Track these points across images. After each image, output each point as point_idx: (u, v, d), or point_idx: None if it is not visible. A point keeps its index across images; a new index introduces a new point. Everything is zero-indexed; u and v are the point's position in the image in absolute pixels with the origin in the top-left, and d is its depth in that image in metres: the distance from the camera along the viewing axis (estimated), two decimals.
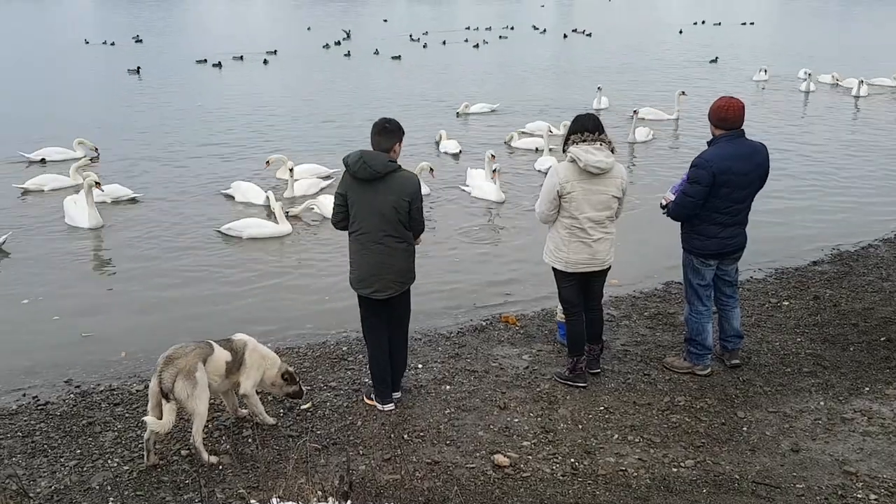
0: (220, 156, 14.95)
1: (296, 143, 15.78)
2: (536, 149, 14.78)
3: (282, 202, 10.98)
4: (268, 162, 12.83)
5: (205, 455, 4.99)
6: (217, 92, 23.44)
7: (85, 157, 14.05)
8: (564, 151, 5.68)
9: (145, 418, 4.89)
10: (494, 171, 11.77)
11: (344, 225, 5.46)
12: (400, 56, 31.63)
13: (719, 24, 48.96)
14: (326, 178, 13.02)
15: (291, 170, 12.17)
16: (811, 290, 8.16)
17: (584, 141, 5.50)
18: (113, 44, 37.10)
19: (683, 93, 18.01)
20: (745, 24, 49.28)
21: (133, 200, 11.94)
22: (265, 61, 30.16)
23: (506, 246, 10.20)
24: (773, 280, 8.59)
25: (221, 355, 5.14)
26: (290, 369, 5.61)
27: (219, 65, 28.83)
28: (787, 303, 7.80)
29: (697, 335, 6.09)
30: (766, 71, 24.13)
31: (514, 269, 9.24)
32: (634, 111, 15.86)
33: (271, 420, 5.55)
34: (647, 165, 14.12)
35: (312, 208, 11.15)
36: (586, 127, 5.57)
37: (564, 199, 5.53)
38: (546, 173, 13.19)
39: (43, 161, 14.11)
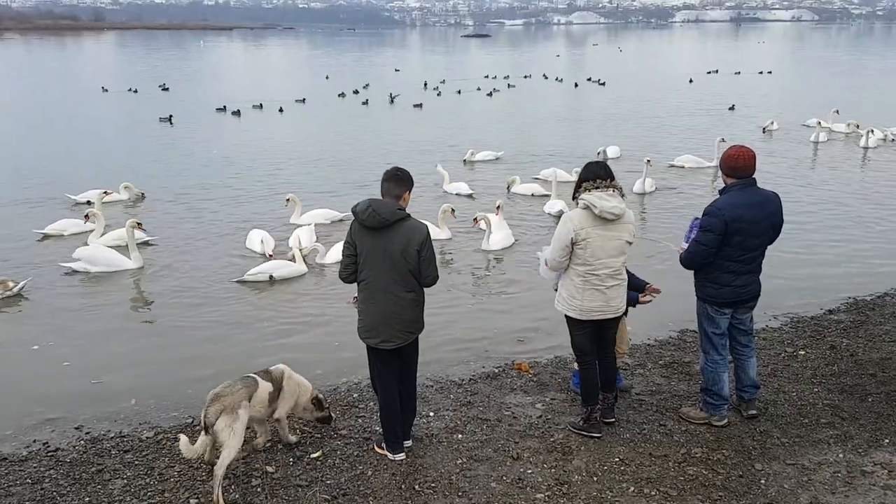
0: (234, 199, 15.28)
1: (313, 186, 16.35)
2: (532, 194, 15.33)
3: (299, 246, 11.25)
4: (287, 199, 13.34)
5: (218, 490, 5.07)
6: (242, 139, 23.91)
7: (129, 198, 14.84)
8: (575, 199, 5.70)
9: (180, 435, 5.27)
10: (498, 207, 12.50)
11: (353, 278, 5.42)
12: (421, 104, 32.36)
13: (739, 73, 49.64)
14: (340, 220, 13.42)
15: (289, 200, 13.31)
16: (827, 339, 8.07)
17: (596, 188, 5.53)
18: (136, 91, 38.32)
19: (723, 140, 18.22)
20: (762, 72, 49.98)
21: (146, 244, 12.05)
22: (280, 109, 30.67)
23: (517, 292, 10.16)
24: (789, 329, 8.51)
25: (265, 388, 5.52)
26: (320, 395, 5.90)
27: (237, 112, 29.36)
28: (803, 352, 7.71)
29: (713, 385, 6.02)
30: (774, 122, 24.11)
31: (527, 315, 9.20)
32: (647, 160, 15.87)
33: (294, 438, 5.91)
34: (657, 214, 14.14)
35: (316, 249, 11.38)
36: (598, 174, 5.61)
37: (579, 245, 5.54)
38: (555, 216, 13.66)
39: (88, 202, 14.37)
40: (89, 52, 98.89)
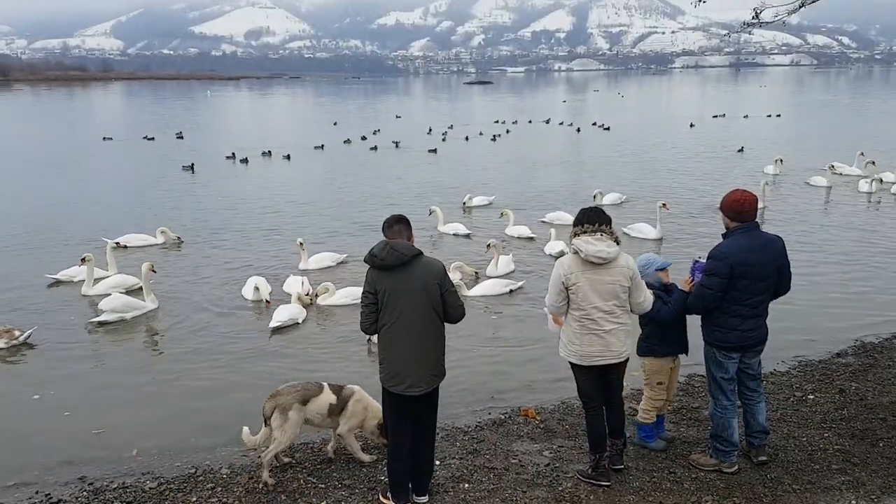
0: (246, 244, 15.54)
1: (321, 229, 16.75)
2: (518, 236, 15.75)
3: (301, 291, 11.35)
4: (301, 243, 13.53)
5: (266, 472, 5.93)
6: (253, 185, 24.30)
7: (165, 243, 15.36)
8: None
9: (243, 427, 6.10)
10: (488, 246, 12.99)
11: (374, 328, 5.36)
12: (436, 149, 32.91)
13: (747, 116, 50.26)
14: (342, 263, 13.77)
15: (301, 243, 13.45)
16: (836, 383, 7.99)
17: (584, 232, 5.57)
18: (153, 138, 39.29)
19: (767, 184, 18.57)
20: (770, 116, 50.58)
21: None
22: (287, 156, 31.04)
23: (523, 336, 10.11)
24: (797, 373, 8.43)
25: (327, 398, 6.08)
26: None
27: (245, 160, 29.71)
28: (812, 396, 7.63)
29: (723, 431, 5.95)
30: (781, 161, 24.17)
31: (533, 361, 9.14)
32: (662, 203, 15.89)
33: (367, 458, 6.32)
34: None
35: (326, 291, 11.47)
36: (588, 219, 5.65)
37: (571, 290, 5.55)
38: (555, 256, 13.88)
39: (124, 246, 14.78)
40: (98, 101, 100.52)
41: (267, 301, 11.34)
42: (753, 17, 9.75)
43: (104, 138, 39.78)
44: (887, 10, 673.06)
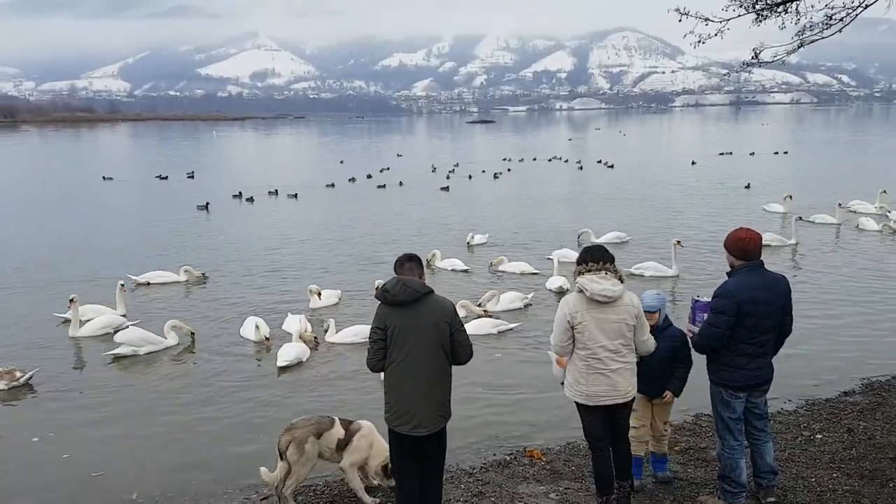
0: (258, 282, 15.62)
1: (331, 266, 16.92)
2: (522, 272, 15.87)
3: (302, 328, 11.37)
4: (310, 290, 13.51)
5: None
6: (262, 223, 24.55)
7: (188, 280, 15.53)
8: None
9: (260, 468, 6.25)
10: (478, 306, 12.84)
11: (381, 365, 5.32)
12: (448, 187, 33.32)
13: (753, 153, 50.71)
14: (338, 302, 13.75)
15: (312, 290, 13.44)
16: (844, 422, 7.91)
17: (589, 270, 5.57)
18: (166, 178, 39.93)
19: (800, 218, 19.00)
20: (777, 153, 50.97)
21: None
22: (294, 195, 31.23)
23: (527, 375, 10.04)
24: (804, 412, 8.36)
25: (336, 432, 6.22)
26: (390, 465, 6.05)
27: (251, 199, 29.94)
28: (820, 436, 7.54)
29: (731, 472, 5.87)
30: (791, 197, 24.03)
31: (537, 399, 9.07)
32: (677, 241, 15.86)
33: (369, 500, 6.27)
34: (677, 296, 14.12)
35: (327, 327, 11.50)
36: (592, 257, 5.65)
37: (576, 329, 5.53)
38: (555, 291, 14.04)
39: (147, 284, 15.19)
40: (105, 141, 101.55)
41: (267, 338, 11.32)
42: (753, 57, 9.86)
43: (104, 178, 40.11)
44: (885, 50, 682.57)
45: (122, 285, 13.35)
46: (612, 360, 5.52)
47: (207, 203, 27.89)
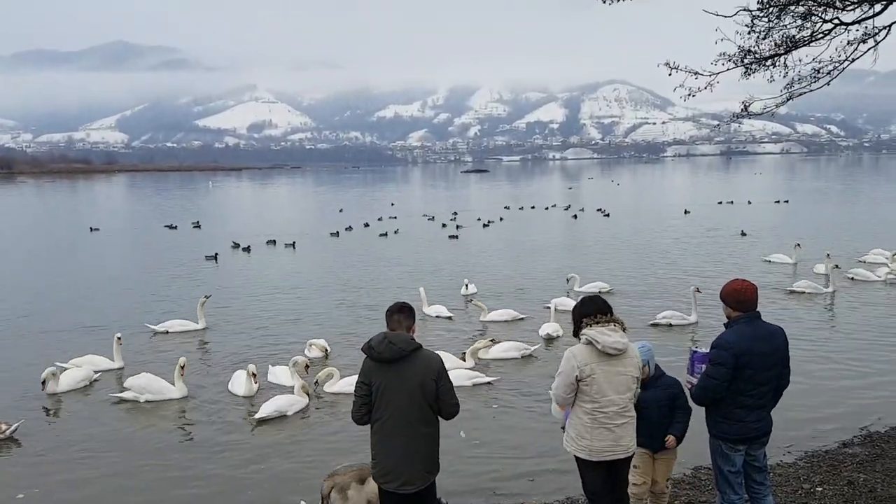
0: (257, 333, 15.49)
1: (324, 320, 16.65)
2: (507, 320, 16.03)
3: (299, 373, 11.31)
4: (311, 344, 13.50)
5: None
6: (265, 272, 24.56)
7: (206, 328, 15.78)
8: (576, 335, 5.68)
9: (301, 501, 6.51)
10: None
11: (367, 419, 5.29)
12: (457, 235, 33.71)
13: (750, 202, 51.36)
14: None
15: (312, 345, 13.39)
16: (844, 474, 7.81)
17: (597, 322, 5.50)
18: (175, 227, 40.36)
19: (837, 266, 19.20)
20: (778, 202, 51.58)
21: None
22: (293, 244, 31.28)
23: (524, 426, 9.93)
24: (804, 464, 8.26)
25: (371, 487, 5.86)
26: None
27: (248, 249, 29.98)
28: (820, 489, 7.44)
29: None
30: (799, 245, 23.90)
31: (536, 452, 8.96)
32: (696, 288, 15.91)
33: None
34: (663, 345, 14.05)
35: (331, 375, 11.44)
36: (598, 309, 5.59)
37: (584, 382, 5.42)
38: (544, 337, 14.12)
39: (165, 332, 15.49)
40: (102, 192, 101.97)
41: (253, 374, 11.25)
42: (742, 110, 10.02)
43: (91, 229, 39.96)
44: (873, 101, 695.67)
45: (119, 338, 13.21)
46: (618, 416, 5.43)
47: (216, 254, 27.91)
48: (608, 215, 43.48)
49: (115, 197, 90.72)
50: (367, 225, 39.28)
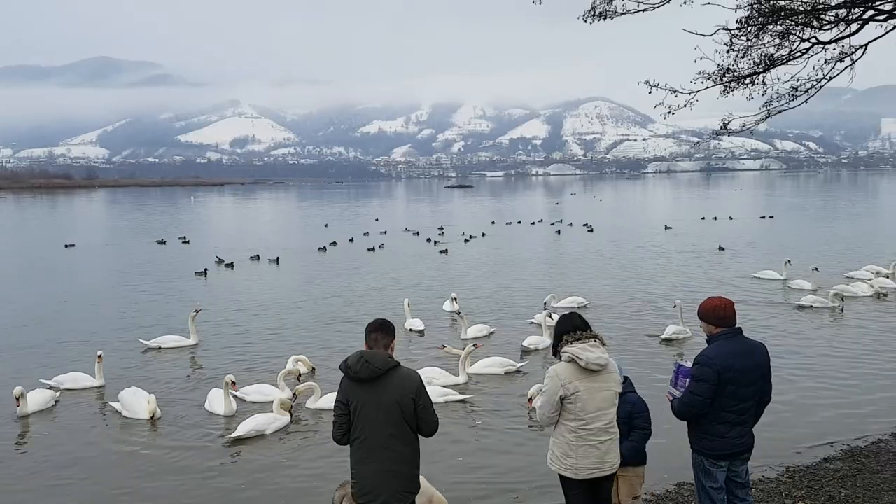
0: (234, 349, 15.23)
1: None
2: (489, 334, 16.12)
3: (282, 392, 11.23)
4: (299, 361, 13.39)
5: None
6: (249, 287, 24.22)
7: (197, 344, 15.66)
8: (556, 354, 5.66)
9: None
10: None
11: (347, 439, 5.25)
12: (447, 250, 33.88)
13: (731, 218, 52.20)
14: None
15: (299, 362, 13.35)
16: (825, 489, 7.84)
17: (577, 339, 5.50)
18: (165, 242, 40.47)
19: (816, 269, 20.67)
20: (763, 217, 52.10)
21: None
22: (277, 260, 31.11)
23: (509, 445, 9.90)
24: (786, 479, 8.28)
25: None
26: None
27: (231, 265, 29.77)
28: None
29: None
30: (790, 262, 23.76)
31: (519, 469, 8.94)
32: (676, 302, 16.01)
33: None
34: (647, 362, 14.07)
35: (311, 389, 11.40)
36: (576, 325, 5.60)
37: (568, 400, 5.40)
38: (530, 350, 14.39)
39: (158, 348, 15.37)
40: (81, 208, 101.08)
41: (233, 382, 11.12)
42: (722, 128, 10.14)
43: (66, 245, 39.37)
44: (850, 118, 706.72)
45: (100, 355, 13.02)
46: (603, 432, 5.44)
47: (206, 269, 27.78)
48: (592, 230, 43.81)
49: (95, 212, 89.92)
50: (351, 240, 39.24)
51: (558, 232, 43.70)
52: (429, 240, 38.94)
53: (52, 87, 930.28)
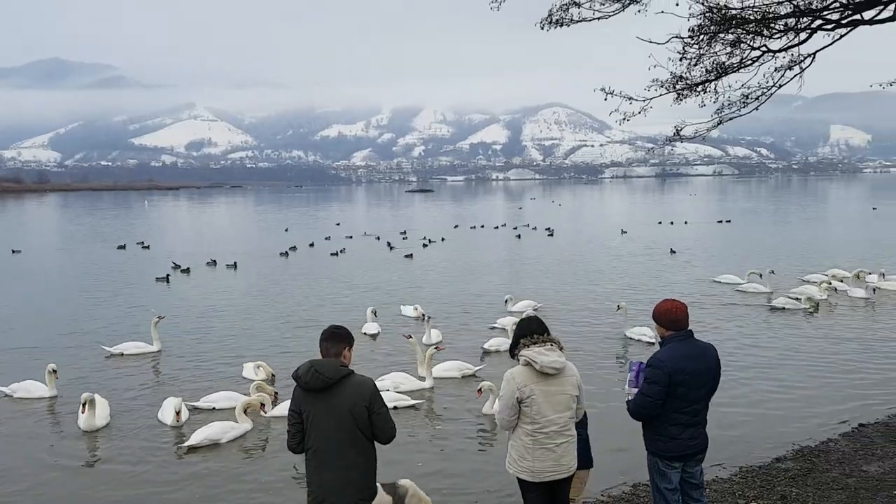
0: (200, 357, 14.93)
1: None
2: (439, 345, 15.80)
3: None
4: (259, 366, 13.28)
5: None
6: (210, 293, 23.67)
7: (159, 351, 15.39)
8: (514, 356, 5.69)
9: None
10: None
11: (302, 447, 5.19)
12: (412, 254, 33.76)
13: (686, 222, 53.47)
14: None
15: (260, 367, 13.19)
16: (777, 489, 8.00)
17: (534, 343, 5.53)
18: (124, 247, 39.77)
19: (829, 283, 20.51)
20: (721, 221, 53.37)
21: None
22: (235, 265, 30.67)
23: (470, 450, 9.88)
24: (739, 479, 8.42)
25: (383, 500, 6.05)
26: None
27: (187, 270, 29.30)
28: (755, 503, 7.59)
29: None
30: (761, 275, 23.13)
31: (477, 469, 8.95)
32: (619, 304, 16.21)
33: None
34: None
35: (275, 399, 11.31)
36: (533, 329, 5.62)
37: (525, 403, 5.43)
38: (485, 349, 14.56)
39: (120, 354, 15.11)
40: (32, 212, 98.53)
41: (177, 413, 10.80)
42: (675, 134, 10.31)
43: (13, 251, 38.23)
44: (800, 125, 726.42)
45: (54, 370, 12.53)
46: (559, 435, 5.47)
47: (168, 275, 27.26)
48: (552, 234, 44.46)
49: (45, 216, 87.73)
50: (312, 245, 38.97)
51: (518, 236, 43.99)
52: (389, 244, 38.79)
53: (1, 90, 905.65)
